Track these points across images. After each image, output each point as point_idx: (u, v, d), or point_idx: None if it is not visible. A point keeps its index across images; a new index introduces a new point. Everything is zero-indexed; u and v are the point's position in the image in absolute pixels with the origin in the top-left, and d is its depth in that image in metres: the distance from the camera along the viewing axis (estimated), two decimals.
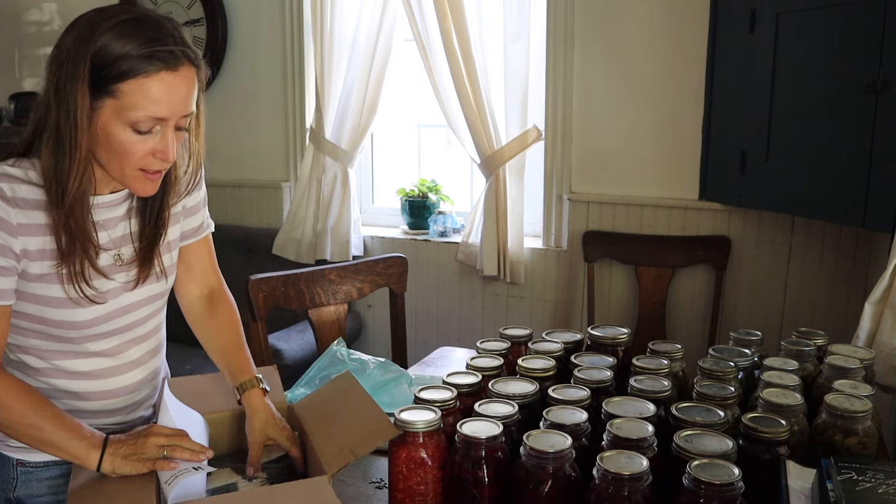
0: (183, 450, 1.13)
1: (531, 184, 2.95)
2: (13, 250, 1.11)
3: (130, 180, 1.14)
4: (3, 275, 1.11)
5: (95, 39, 1.05)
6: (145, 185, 1.15)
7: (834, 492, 0.98)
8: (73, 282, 1.15)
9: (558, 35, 2.77)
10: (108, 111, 1.07)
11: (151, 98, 1.06)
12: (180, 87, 1.09)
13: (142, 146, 1.10)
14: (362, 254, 3.21)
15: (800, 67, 2.14)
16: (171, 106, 1.09)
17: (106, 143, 1.09)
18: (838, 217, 2.14)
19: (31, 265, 1.13)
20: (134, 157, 1.11)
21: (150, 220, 1.24)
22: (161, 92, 1.07)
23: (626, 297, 2.84)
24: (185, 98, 1.10)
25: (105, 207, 1.21)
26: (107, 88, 1.06)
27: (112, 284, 1.22)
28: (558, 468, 1.03)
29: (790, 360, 1.39)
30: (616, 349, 1.46)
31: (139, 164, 1.12)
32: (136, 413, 1.35)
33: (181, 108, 1.10)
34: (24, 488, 1.28)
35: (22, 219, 1.11)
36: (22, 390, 1.14)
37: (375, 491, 1.28)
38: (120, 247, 1.23)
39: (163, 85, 1.07)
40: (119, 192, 1.22)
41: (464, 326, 3.10)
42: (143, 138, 1.09)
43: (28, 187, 1.12)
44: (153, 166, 1.13)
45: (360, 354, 1.72)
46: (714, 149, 2.60)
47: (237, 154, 3.44)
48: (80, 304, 1.18)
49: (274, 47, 3.29)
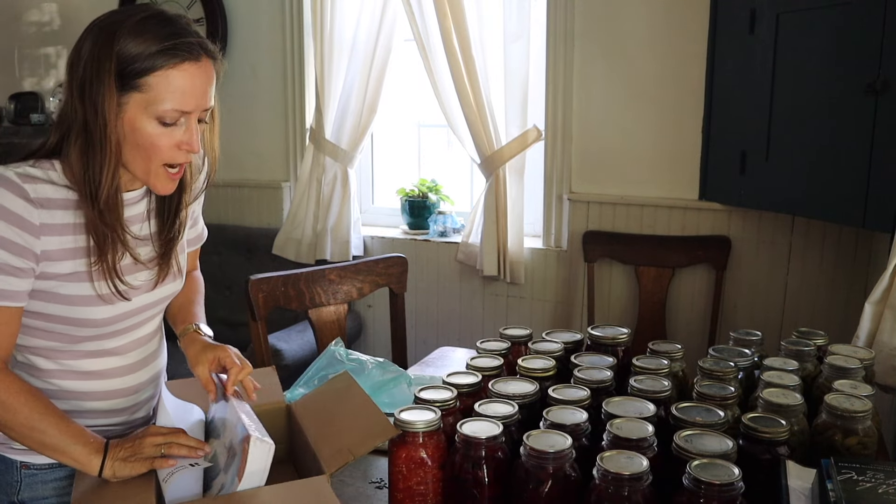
0: (180, 447, 1.14)
1: (531, 184, 2.95)
2: (34, 252, 1.12)
3: (154, 177, 1.16)
4: (19, 276, 1.12)
5: (118, 38, 1.07)
6: (167, 183, 1.18)
7: (834, 492, 0.98)
8: (105, 278, 1.17)
9: (558, 35, 2.77)
10: (134, 106, 1.09)
11: (177, 90, 1.09)
12: (203, 78, 1.12)
13: (168, 139, 1.12)
14: (362, 254, 3.21)
15: (800, 67, 2.14)
16: (195, 97, 1.12)
17: (132, 138, 1.11)
18: (838, 217, 2.14)
19: (53, 265, 1.14)
20: (161, 150, 1.13)
21: (169, 218, 1.27)
22: (186, 83, 1.10)
23: (626, 297, 2.84)
24: (206, 90, 1.14)
25: (127, 206, 1.22)
26: (133, 83, 1.08)
27: (137, 282, 1.24)
28: (558, 468, 1.03)
29: (790, 360, 1.39)
30: (616, 349, 1.46)
31: (165, 158, 1.14)
32: (138, 414, 1.35)
33: (203, 99, 1.13)
34: (28, 491, 1.28)
35: (46, 219, 1.12)
36: (28, 393, 1.14)
37: (375, 491, 1.28)
38: (139, 247, 1.24)
39: (187, 76, 1.10)
40: (137, 190, 1.24)
41: (464, 326, 3.10)
42: (168, 131, 1.12)
43: (51, 187, 1.13)
44: (178, 159, 1.15)
45: (359, 354, 1.72)
46: (714, 149, 2.60)
47: (237, 154, 3.43)
48: (109, 300, 1.19)
49: (274, 47, 3.29)
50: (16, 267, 1.11)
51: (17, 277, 1.11)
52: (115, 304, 1.21)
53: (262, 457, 1.09)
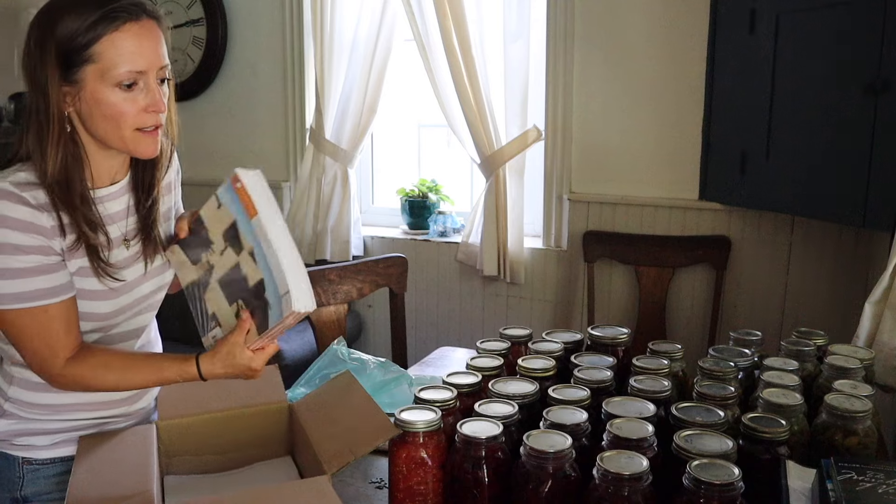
0: None
1: (531, 184, 2.95)
2: (55, 249, 1.14)
3: (131, 143, 1.17)
4: (56, 271, 1.14)
5: (56, 20, 1.09)
6: (146, 144, 1.18)
7: (834, 492, 0.98)
8: (97, 274, 1.19)
9: (558, 35, 2.77)
10: (91, 79, 1.11)
11: (125, 51, 1.11)
12: (149, 37, 1.13)
13: (132, 104, 1.14)
14: (362, 254, 3.21)
15: (800, 67, 2.14)
16: (145, 56, 1.13)
17: (98, 111, 1.13)
18: (838, 217, 2.14)
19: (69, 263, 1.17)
20: (128, 116, 1.14)
21: (144, 192, 1.28)
22: (132, 43, 1.11)
23: (626, 297, 2.84)
24: (155, 47, 1.15)
25: (110, 200, 1.23)
26: (82, 57, 1.10)
27: (132, 274, 1.25)
28: (558, 468, 1.03)
29: (790, 360, 1.39)
30: (616, 349, 1.46)
31: (135, 123, 1.15)
32: (138, 404, 1.36)
33: (155, 58, 1.14)
34: (31, 486, 1.28)
35: (52, 221, 1.14)
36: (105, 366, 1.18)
37: (375, 491, 1.28)
38: (131, 238, 1.26)
39: (132, 36, 1.11)
40: (119, 183, 1.25)
41: (464, 326, 3.10)
42: (131, 96, 1.13)
43: (42, 189, 1.14)
44: (148, 122, 1.16)
45: (361, 354, 1.72)
46: (714, 149, 2.60)
47: (237, 154, 3.43)
48: (112, 294, 1.22)
49: (274, 47, 3.29)
50: (48, 264, 1.13)
51: (55, 272, 1.14)
52: (118, 298, 1.23)
53: (257, 181, 1.13)
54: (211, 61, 3.39)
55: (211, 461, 1.32)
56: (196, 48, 3.41)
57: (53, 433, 1.27)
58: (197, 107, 3.48)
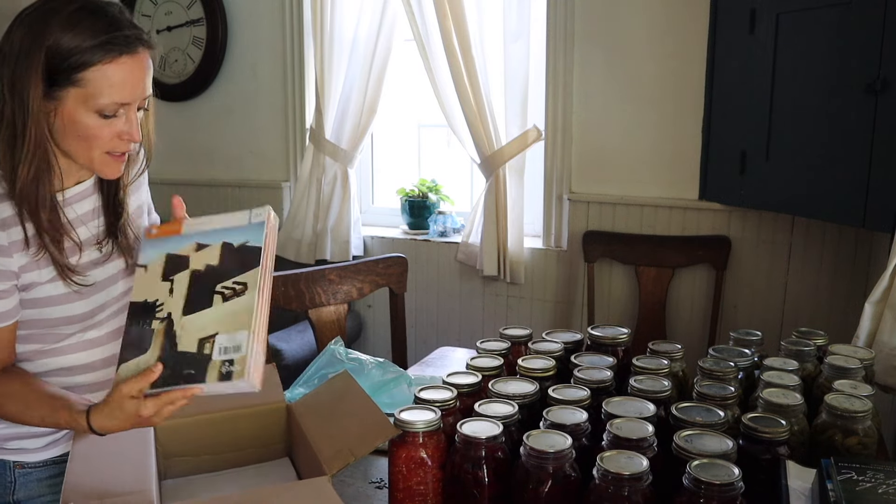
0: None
1: (531, 184, 2.95)
2: (12, 270, 1.13)
3: (98, 164, 1.16)
4: (4, 298, 1.13)
5: (50, 32, 1.06)
6: (112, 167, 1.18)
7: (834, 492, 0.98)
8: (63, 277, 1.17)
9: (558, 35, 2.77)
10: (71, 101, 1.09)
11: (115, 84, 1.09)
12: (140, 71, 1.12)
13: (108, 129, 1.13)
14: (362, 254, 3.21)
15: (800, 67, 2.14)
16: (133, 90, 1.12)
17: (73, 130, 1.12)
18: (838, 217, 2.14)
19: (32, 275, 1.15)
20: (102, 141, 1.13)
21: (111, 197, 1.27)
22: (124, 77, 1.10)
23: (626, 297, 2.84)
24: (143, 79, 1.14)
25: (78, 201, 1.23)
26: (69, 78, 1.08)
27: (104, 273, 1.25)
28: (558, 468, 1.03)
29: (790, 360, 1.39)
30: (616, 349, 1.46)
31: (106, 148, 1.14)
32: None
33: (140, 90, 1.13)
34: (23, 490, 1.28)
35: (14, 236, 1.13)
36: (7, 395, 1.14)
37: (375, 491, 1.28)
38: (102, 239, 1.26)
39: (125, 69, 1.10)
40: (85, 182, 1.24)
41: (464, 326, 3.10)
42: (108, 122, 1.12)
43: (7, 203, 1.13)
44: (119, 148, 1.16)
45: (358, 354, 1.72)
46: (714, 149, 2.59)
47: (237, 154, 3.43)
48: (83, 294, 1.21)
49: (274, 47, 3.29)
50: None
51: (3, 300, 1.13)
52: (93, 297, 1.23)
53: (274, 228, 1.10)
54: (211, 61, 3.39)
55: (209, 462, 1.31)
56: (196, 48, 3.41)
57: (44, 435, 1.28)
58: (197, 107, 3.48)
